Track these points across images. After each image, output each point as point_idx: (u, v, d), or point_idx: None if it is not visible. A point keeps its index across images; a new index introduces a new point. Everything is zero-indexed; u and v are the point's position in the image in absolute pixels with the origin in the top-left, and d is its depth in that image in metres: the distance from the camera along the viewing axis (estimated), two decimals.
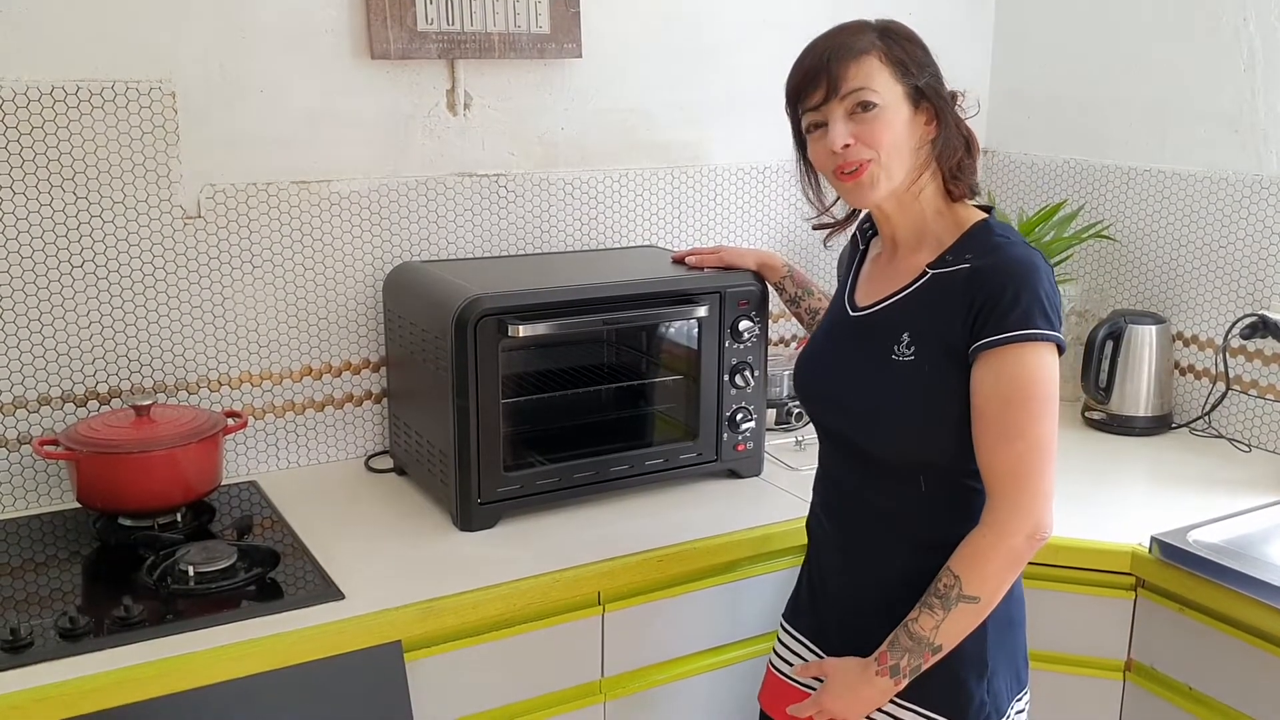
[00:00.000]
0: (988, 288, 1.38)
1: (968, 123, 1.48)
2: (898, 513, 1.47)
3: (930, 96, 1.43)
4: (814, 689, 1.54)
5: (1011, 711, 1.50)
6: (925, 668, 1.41)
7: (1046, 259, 1.42)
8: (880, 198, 1.45)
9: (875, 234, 1.59)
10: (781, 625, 1.67)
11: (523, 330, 1.80)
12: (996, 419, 1.36)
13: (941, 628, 1.38)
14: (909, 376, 1.42)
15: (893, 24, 1.46)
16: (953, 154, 1.45)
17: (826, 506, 1.59)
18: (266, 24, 1.97)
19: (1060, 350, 1.38)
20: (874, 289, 1.52)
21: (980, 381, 1.37)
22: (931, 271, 1.44)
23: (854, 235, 1.65)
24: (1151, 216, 2.47)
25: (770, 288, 2.01)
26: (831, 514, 1.58)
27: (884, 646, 1.42)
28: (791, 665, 1.62)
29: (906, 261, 1.49)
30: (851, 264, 1.62)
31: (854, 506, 1.53)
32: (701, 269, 2.00)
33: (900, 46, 1.43)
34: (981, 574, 1.37)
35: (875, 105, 1.41)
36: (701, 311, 1.95)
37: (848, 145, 1.42)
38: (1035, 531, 1.37)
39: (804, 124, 1.48)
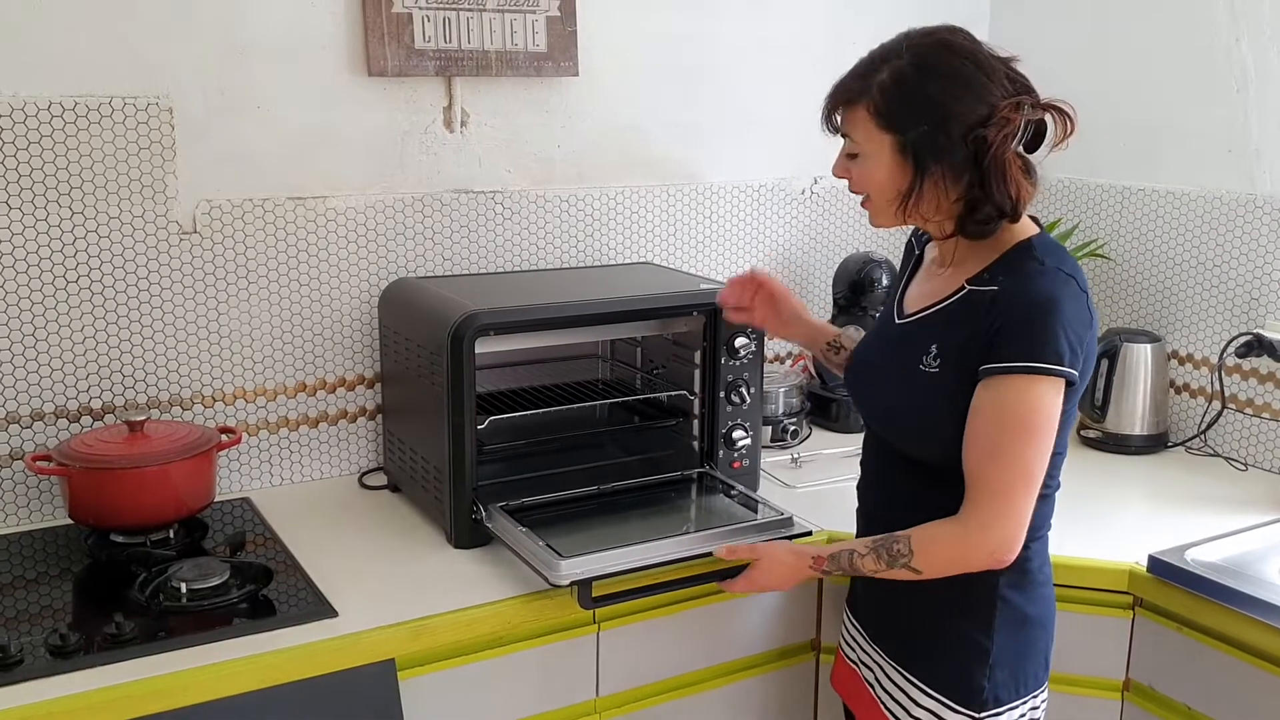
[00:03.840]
0: (1007, 314, 1.41)
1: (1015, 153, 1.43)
2: (913, 505, 1.53)
3: (918, 149, 1.41)
4: (856, 657, 1.68)
5: (1023, 706, 1.53)
6: None
7: (1081, 285, 1.43)
8: (879, 225, 1.54)
9: (930, 241, 1.63)
10: (844, 608, 1.75)
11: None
12: (986, 438, 1.41)
13: (878, 573, 1.50)
14: (933, 388, 1.47)
15: (925, 54, 1.42)
16: (931, 209, 1.46)
17: (859, 495, 1.68)
18: (264, 40, 1.98)
19: (1070, 383, 1.40)
20: (921, 297, 1.57)
21: (980, 400, 1.41)
22: (968, 288, 1.48)
23: (909, 241, 1.69)
24: (1146, 236, 2.48)
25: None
26: (860, 503, 1.67)
27: (824, 554, 1.55)
28: (849, 644, 1.71)
29: (954, 273, 1.52)
30: (906, 269, 1.66)
31: (880, 497, 1.62)
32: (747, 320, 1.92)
33: (903, 93, 1.41)
34: (931, 560, 1.46)
35: (856, 155, 1.48)
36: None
37: (843, 177, 1.52)
38: (998, 551, 1.42)
39: None
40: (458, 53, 2.11)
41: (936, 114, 1.40)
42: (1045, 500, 1.51)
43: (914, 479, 1.54)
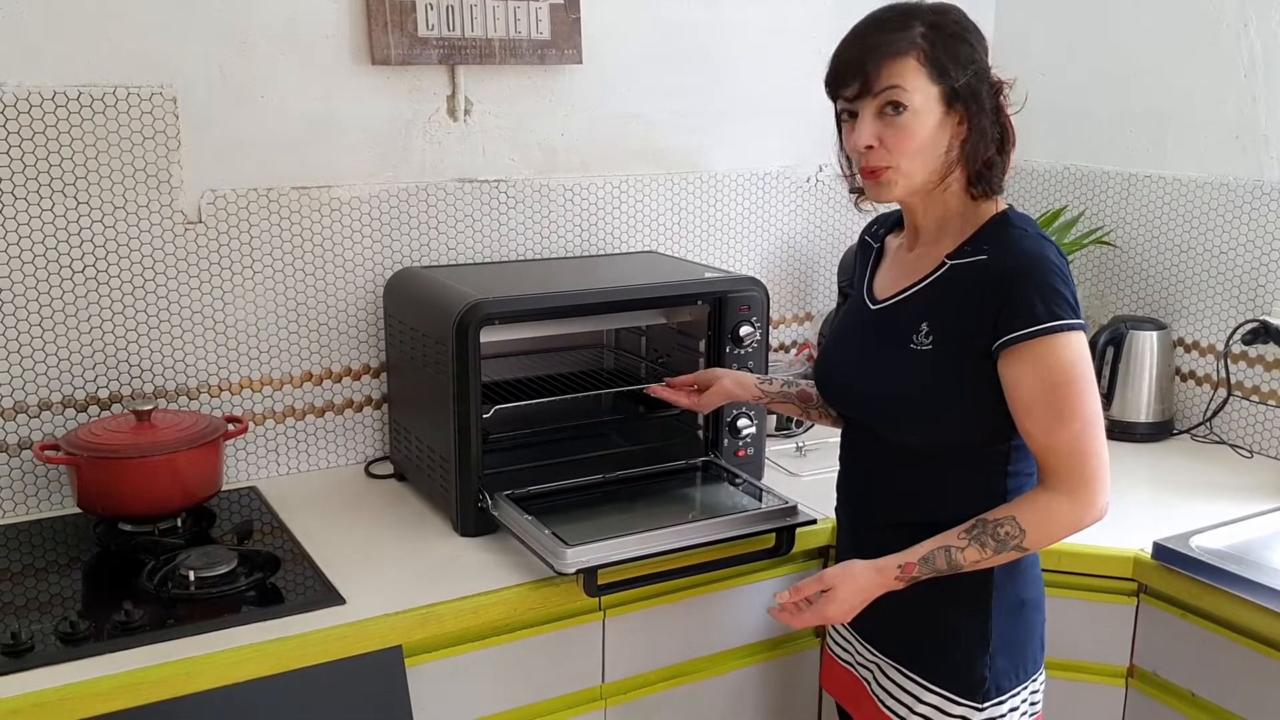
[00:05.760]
0: (1007, 284, 1.39)
1: (1010, 115, 1.46)
2: (912, 496, 1.51)
3: (966, 97, 1.40)
4: (854, 667, 1.63)
5: (1024, 692, 1.52)
6: None
7: (1060, 249, 1.44)
8: (897, 197, 1.47)
9: (888, 233, 1.62)
10: None
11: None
12: (1046, 405, 1.39)
13: (981, 563, 1.43)
14: (927, 365, 1.46)
15: (945, 13, 1.43)
16: (981, 155, 1.44)
17: (843, 492, 1.65)
18: (268, 29, 1.98)
19: (1085, 332, 1.42)
20: (894, 281, 1.55)
21: (1018, 374, 1.39)
22: (950, 262, 1.46)
23: (862, 238, 1.68)
24: (1152, 222, 2.47)
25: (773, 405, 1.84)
26: (846, 500, 1.64)
27: (913, 560, 1.44)
28: (841, 646, 1.67)
29: (927, 252, 1.51)
30: (866, 263, 1.64)
31: (870, 491, 1.58)
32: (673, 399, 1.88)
33: (945, 43, 1.40)
34: (1047, 534, 1.42)
35: (905, 107, 1.39)
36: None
37: (871, 147, 1.42)
38: (1106, 508, 1.42)
39: (838, 109, 1.48)
40: (461, 41, 2.11)
41: (976, 64, 1.42)
42: (1033, 480, 1.50)
43: (906, 468, 1.51)
